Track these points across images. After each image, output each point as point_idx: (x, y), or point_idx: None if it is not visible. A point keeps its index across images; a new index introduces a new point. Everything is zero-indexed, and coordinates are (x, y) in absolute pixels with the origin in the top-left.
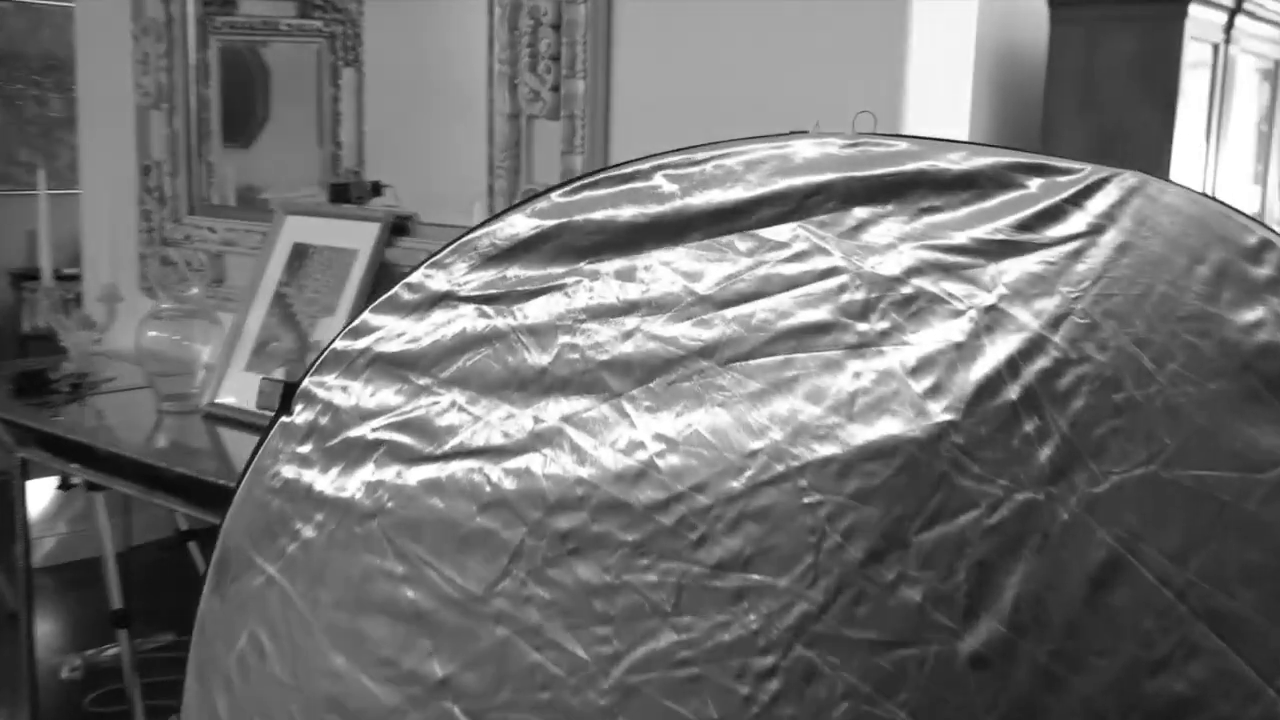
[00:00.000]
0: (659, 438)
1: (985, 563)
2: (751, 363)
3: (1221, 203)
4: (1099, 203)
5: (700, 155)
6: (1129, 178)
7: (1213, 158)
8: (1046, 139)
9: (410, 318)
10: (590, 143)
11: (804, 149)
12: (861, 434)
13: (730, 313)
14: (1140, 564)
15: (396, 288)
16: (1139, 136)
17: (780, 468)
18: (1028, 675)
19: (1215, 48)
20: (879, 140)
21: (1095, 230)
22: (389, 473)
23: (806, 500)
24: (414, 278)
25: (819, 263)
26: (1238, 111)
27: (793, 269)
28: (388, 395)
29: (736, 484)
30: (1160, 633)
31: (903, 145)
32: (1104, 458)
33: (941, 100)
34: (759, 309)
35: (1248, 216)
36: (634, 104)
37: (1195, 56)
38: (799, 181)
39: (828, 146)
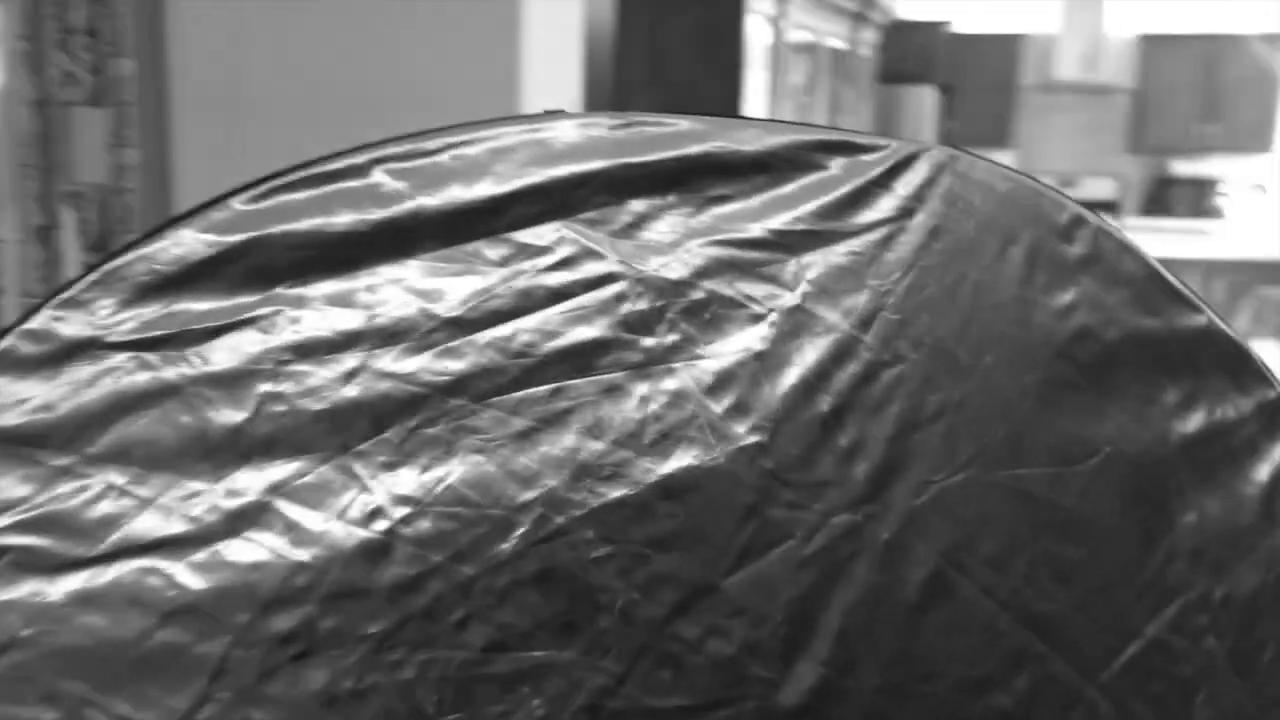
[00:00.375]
0: (403, 500)
1: (802, 599)
2: (515, 396)
3: (1032, 178)
4: (907, 182)
5: (432, 144)
6: (937, 153)
7: None
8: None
9: (35, 377)
10: (145, 134)
11: (565, 132)
12: (656, 469)
13: (483, 337)
14: (963, 577)
15: (10, 338)
16: (708, 109)
17: (560, 520)
18: (853, 716)
19: (771, 22)
20: (657, 119)
21: (904, 214)
22: (21, 590)
23: (594, 554)
24: (36, 323)
25: (590, 269)
26: (792, 84)
27: (559, 278)
28: (10, 485)
29: (506, 546)
30: (985, 647)
31: (684, 124)
32: (923, 466)
33: (553, 80)
34: (519, 330)
35: (1058, 192)
36: (200, 89)
37: (755, 30)
38: (561, 171)
39: (594, 128)
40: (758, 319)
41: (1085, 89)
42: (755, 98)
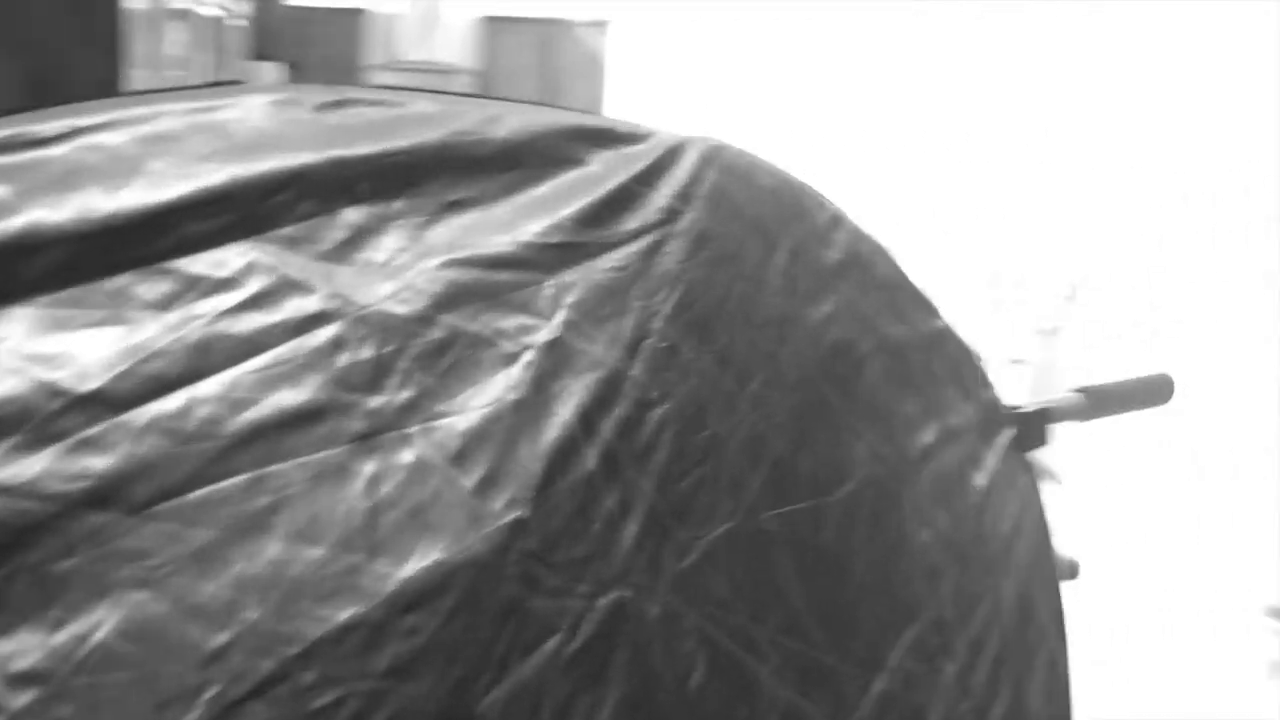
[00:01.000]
0: (24, 679)
1: (567, 708)
2: (192, 497)
3: (794, 176)
4: (673, 180)
5: (48, 127)
6: (702, 145)
7: None
8: None
9: None
10: None
11: (253, 112)
12: (393, 573)
13: (140, 416)
14: (730, 642)
15: None
16: (81, 82)
17: (268, 665)
18: None
19: None
20: (377, 98)
21: (670, 217)
22: None
23: (318, 703)
24: None
25: (293, 307)
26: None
27: (250, 323)
28: None
29: (190, 717)
30: (755, 718)
31: (417, 105)
32: (690, 520)
33: None
34: (195, 401)
35: (817, 191)
36: None
37: None
38: (249, 170)
39: (294, 108)
40: (511, 359)
41: (428, 69)
42: (130, 69)
